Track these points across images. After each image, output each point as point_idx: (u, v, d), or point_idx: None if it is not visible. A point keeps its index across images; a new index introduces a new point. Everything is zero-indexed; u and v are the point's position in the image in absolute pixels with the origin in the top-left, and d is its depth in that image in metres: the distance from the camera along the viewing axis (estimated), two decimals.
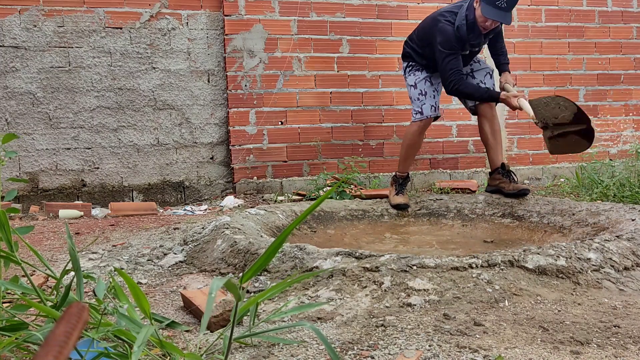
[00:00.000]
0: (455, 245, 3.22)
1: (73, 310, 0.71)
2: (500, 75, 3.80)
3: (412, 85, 3.74)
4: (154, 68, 4.43)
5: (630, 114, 5.60)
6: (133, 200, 4.44)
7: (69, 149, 4.30)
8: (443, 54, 3.48)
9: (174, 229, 3.36)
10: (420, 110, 3.70)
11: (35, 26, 4.17)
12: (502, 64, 3.79)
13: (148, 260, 2.67)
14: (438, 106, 3.75)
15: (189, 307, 1.95)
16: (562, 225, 3.26)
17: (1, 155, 1.70)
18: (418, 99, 3.70)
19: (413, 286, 2.00)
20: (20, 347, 1.43)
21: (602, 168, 4.64)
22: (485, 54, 4.51)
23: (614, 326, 1.73)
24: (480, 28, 3.46)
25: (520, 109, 3.43)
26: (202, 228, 3.01)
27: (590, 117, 3.40)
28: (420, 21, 3.88)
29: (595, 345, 1.61)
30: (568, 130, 3.38)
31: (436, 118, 3.76)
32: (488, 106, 3.76)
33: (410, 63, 3.77)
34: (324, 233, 3.46)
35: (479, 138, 5.26)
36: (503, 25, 3.81)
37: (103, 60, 4.32)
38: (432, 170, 5.07)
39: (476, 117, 3.89)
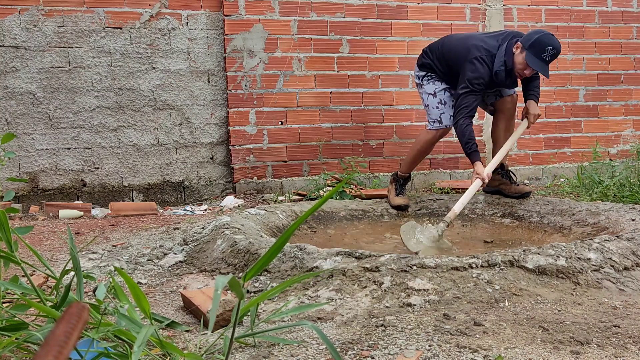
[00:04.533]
0: (455, 245, 3.22)
1: (73, 310, 0.71)
2: (525, 102, 3.60)
3: (430, 94, 3.66)
4: (154, 68, 4.43)
5: (630, 114, 5.60)
6: (133, 200, 4.44)
7: (69, 149, 4.30)
8: (466, 88, 3.38)
9: (174, 229, 3.36)
10: (438, 119, 3.63)
11: (35, 26, 4.17)
12: (530, 94, 3.59)
13: (148, 260, 2.67)
14: None
15: (189, 307, 1.95)
16: (562, 225, 3.26)
17: (0, 155, 1.70)
18: (437, 107, 3.64)
19: (413, 286, 2.00)
20: (20, 347, 1.43)
21: (602, 168, 4.64)
22: None
23: (614, 326, 1.73)
24: (517, 74, 3.38)
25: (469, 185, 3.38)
26: (202, 228, 3.01)
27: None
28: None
29: (595, 345, 1.61)
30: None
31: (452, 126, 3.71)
32: (510, 102, 3.67)
33: (429, 74, 3.68)
34: (324, 233, 3.46)
35: (480, 138, 5.26)
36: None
37: (103, 60, 4.32)
38: (432, 170, 5.07)
39: (482, 114, 3.84)
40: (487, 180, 3.35)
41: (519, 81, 3.59)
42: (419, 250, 3.02)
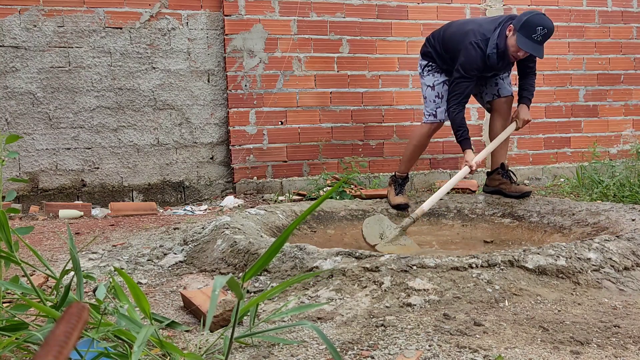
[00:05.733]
0: (455, 245, 3.22)
1: (73, 310, 0.71)
2: (518, 105, 3.64)
3: (429, 86, 3.67)
4: (154, 68, 4.43)
5: (630, 114, 5.60)
6: (133, 200, 4.44)
7: (69, 149, 4.30)
8: (459, 73, 3.40)
9: (174, 229, 3.36)
10: (434, 113, 3.65)
11: (35, 26, 4.17)
12: (523, 97, 3.63)
13: (148, 260, 2.67)
14: None
15: (189, 307, 1.95)
16: (562, 225, 3.26)
17: (2, 156, 1.70)
18: (434, 101, 3.65)
19: (413, 286, 2.00)
20: (20, 347, 1.43)
21: (602, 168, 4.64)
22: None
23: (614, 326, 1.73)
24: (511, 57, 3.38)
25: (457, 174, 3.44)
26: (202, 228, 3.01)
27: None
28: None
29: (595, 345, 1.61)
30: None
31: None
32: (505, 103, 3.68)
33: (430, 63, 3.68)
34: (323, 233, 3.46)
35: (479, 138, 5.26)
36: (537, 59, 3.60)
37: (103, 60, 4.32)
38: (432, 170, 5.07)
39: (482, 114, 3.86)
40: (474, 168, 3.41)
41: (518, 78, 3.64)
42: (376, 244, 3.08)
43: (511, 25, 3.32)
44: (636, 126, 5.61)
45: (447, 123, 4.03)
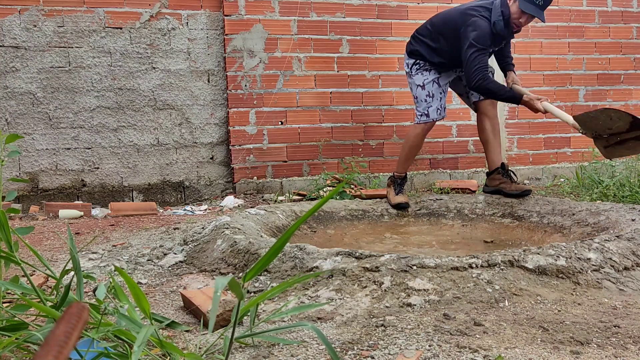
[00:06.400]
0: (455, 245, 3.21)
1: (73, 310, 0.71)
2: (505, 76, 3.76)
3: (419, 85, 3.68)
4: (154, 68, 4.43)
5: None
6: (133, 200, 4.44)
7: (69, 149, 4.30)
8: (473, 47, 3.39)
9: (174, 229, 3.36)
10: (426, 112, 3.66)
11: (35, 26, 4.17)
12: (508, 64, 3.76)
13: (148, 260, 2.67)
14: (445, 107, 3.72)
15: (189, 307, 1.95)
16: (562, 225, 3.26)
17: (2, 156, 1.70)
18: (425, 100, 3.65)
19: (413, 286, 2.00)
20: (20, 347, 1.43)
21: (602, 168, 4.65)
22: None
23: (614, 326, 1.73)
24: (513, 24, 3.45)
25: (545, 112, 3.36)
26: (202, 228, 3.01)
27: None
28: (424, 21, 3.85)
29: (595, 345, 1.61)
30: (625, 137, 3.12)
31: (441, 118, 3.75)
32: (490, 104, 3.73)
33: (418, 61, 3.68)
34: (323, 233, 3.46)
35: (477, 138, 5.26)
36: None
37: (103, 60, 4.32)
38: (432, 170, 5.07)
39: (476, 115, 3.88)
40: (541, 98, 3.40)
41: (496, 59, 3.79)
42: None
43: None
44: None
45: (440, 122, 4.04)
